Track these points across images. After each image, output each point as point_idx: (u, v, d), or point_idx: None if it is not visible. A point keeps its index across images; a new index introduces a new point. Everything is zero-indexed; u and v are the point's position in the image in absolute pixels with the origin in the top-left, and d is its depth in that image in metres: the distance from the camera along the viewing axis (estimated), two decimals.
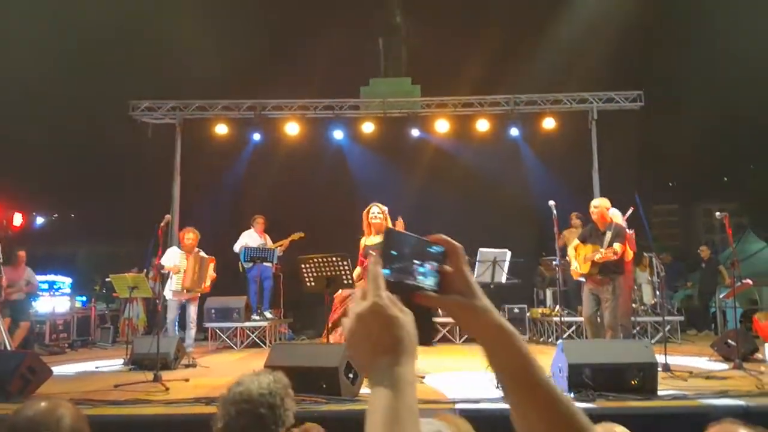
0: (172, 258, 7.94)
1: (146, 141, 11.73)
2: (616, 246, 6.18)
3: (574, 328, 9.47)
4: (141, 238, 9.56)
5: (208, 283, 8.19)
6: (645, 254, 10.35)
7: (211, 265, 8.23)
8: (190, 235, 8.02)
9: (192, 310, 8.02)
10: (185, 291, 7.92)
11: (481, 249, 5.95)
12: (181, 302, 8.01)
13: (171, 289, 7.90)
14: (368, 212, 5.81)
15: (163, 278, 7.75)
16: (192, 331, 8.03)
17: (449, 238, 0.99)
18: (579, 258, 6.51)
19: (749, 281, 8.05)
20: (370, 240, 5.72)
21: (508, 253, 5.93)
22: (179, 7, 10.69)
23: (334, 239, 11.66)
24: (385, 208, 5.81)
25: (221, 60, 11.28)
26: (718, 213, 6.60)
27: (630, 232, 7.39)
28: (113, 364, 7.12)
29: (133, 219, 11.79)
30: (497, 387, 4.76)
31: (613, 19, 11.23)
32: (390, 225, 5.73)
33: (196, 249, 8.13)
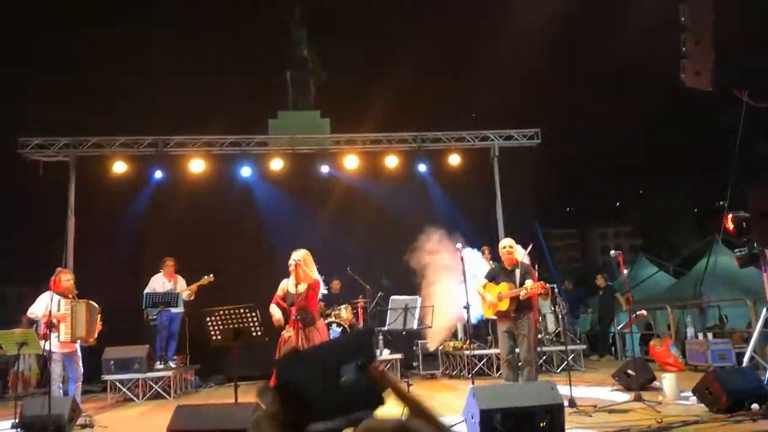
0: (45, 305, 7.04)
1: (37, 180, 11.09)
2: (528, 283, 6.42)
3: (485, 360, 9.76)
4: (34, 280, 8.96)
5: (95, 335, 7.61)
6: (548, 285, 10.85)
7: (98, 316, 7.69)
8: (68, 276, 7.39)
9: (77, 363, 7.37)
10: (73, 341, 7.30)
11: (393, 297, 6.07)
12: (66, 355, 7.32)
13: (54, 342, 7.12)
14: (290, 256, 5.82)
15: (50, 330, 7.00)
16: (79, 386, 7.41)
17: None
18: (493, 295, 6.66)
19: (644, 312, 8.62)
20: (291, 286, 5.70)
21: (419, 300, 6.06)
22: (74, 36, 10.30)
23: (244, 280, 11.47)
24: (302, 253, 5.79)
25: (119, 94, 10.94)
26: (612, 252, 7.06)
27: (533, 269, 7.77)
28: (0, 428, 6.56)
29: (26, 260, 11.08)
30: None
31: (514, 60, 11.94)
32: (304, 271, 5.70)
33: (72, 296, 7.45)
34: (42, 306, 7.04)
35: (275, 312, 5.67)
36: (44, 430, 5.47)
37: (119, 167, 11.39)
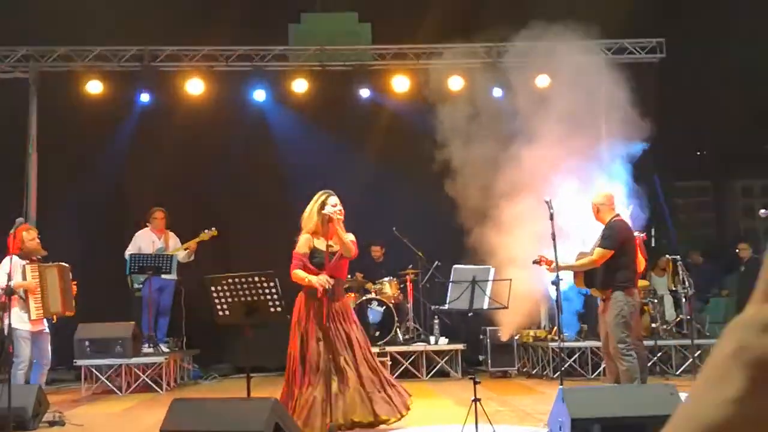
0: (4, 272, 7.09)
1: None
2: (599, 251, 6.61)
3: (577, 356, 9.75)
4: None
5: (72, 304, 7.87)
6: (667, 256, 10.69)
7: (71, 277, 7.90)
8: (32, 234, 7.57)
9: (45, 345, 7.64)
10: (47, 317, 7.58)
11: (456, 266, 6.05)
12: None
13: (21, 316, 7.26)
14: (321, 204, 5.83)
15: (9, 299, 7.16)
16: (45, 373, 7.70)
17: None
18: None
19: None
20: (319, 242, 5.75)
21: (492, 271, 6.04)
22: None
23: (256, 238, 11.77)
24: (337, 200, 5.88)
25: None
26: (762, 211, 6.87)
27: (639, 235, 7.67)
28: None
29: None
30: None
31: None
32: (342, 227, 5.75)
33: (40, 257, 7.63)
34: (2, 274, 7.12)
35: (303, 275, 5.73)
36: (2, 428, 5.73)
37: (94, 87, 11.56)
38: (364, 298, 10.38)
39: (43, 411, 6.66)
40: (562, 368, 6.97)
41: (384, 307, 10.30)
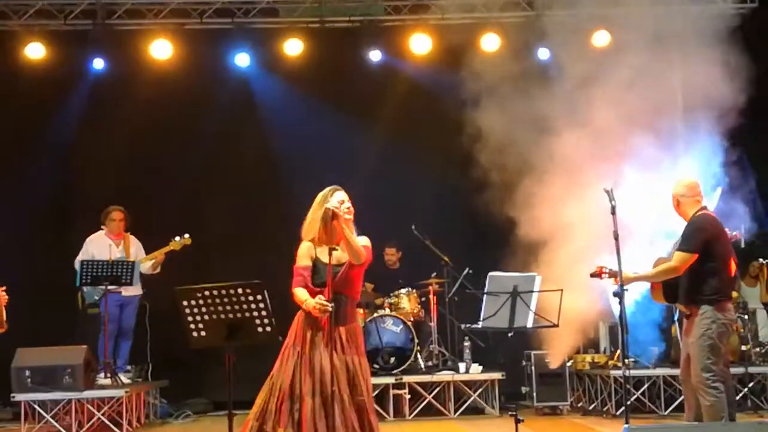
0: None
1: None
2: (678, 255, 6.53)
3: (646, 387, 9.73)
4: None
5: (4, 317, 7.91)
6: (761, 260, 10.63)
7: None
8: None
9: None
10: None
11: (492, 274, 6.04)
12: None
13: None
14: (319, 204, 5.82)
15: None
16: None
17: None
18: None
19: None
20: (323, 251, 5.71)
21: (538, 279, 6.03)
22: None
23: (239, 242, 11.75)
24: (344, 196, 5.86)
25: None
26: None
27: (731, 233, 7.62)
28: None
29: None
30: None
31: None
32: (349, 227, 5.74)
33: None
34: None
35: (304, 298, 5.71)
36: None
37: (34, 51, 11.57)
38: (375, 315, 10.38)
39: None
40: (628, 402, 6.94)
41: (401, 326, 10.30)
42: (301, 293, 5.68)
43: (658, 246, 7.17)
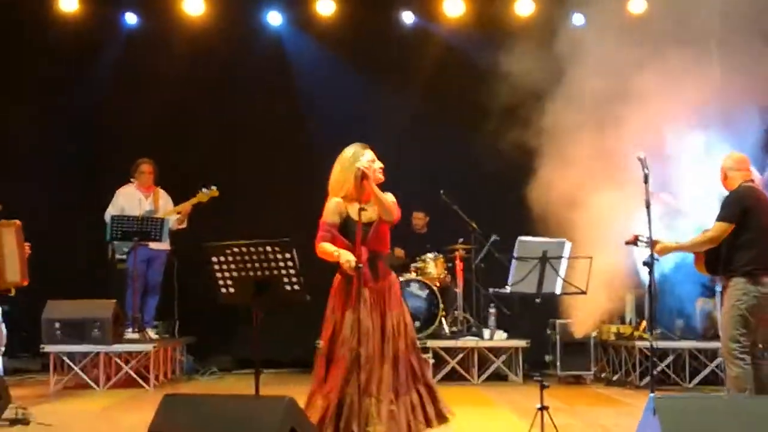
0: None
1: None
2: (715, 225, 6.47)
3: (671, 358, 9.71)
4: None
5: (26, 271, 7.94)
6: None
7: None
8: None
9: None
10: (3, 290, 7.68)
11: (521, 238, 5.99)
12: None
13: None
14: (352, 159, 5.77)
15: None
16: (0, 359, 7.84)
17: None
18: None
19: None
20: (353, 208, 5.67)
21: (568, 245, 5.98)
22: None
23: (268, 200, 11.75)
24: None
25: None
26: None
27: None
28: None
29: None
30: None
31: None
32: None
33: None
34: None
35: (332, 250, 5.70)
36: None
37: (68, 5, 11.61)
38: (402, 278, 10.38)
39: (2, 406, 6.74)
40: (654, 372, 6.90)
41: (427, 291, 10.31)
42: (329, 247, 5.64)
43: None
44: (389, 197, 5.76)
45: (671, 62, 9.34)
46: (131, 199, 10.36)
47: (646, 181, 6.21)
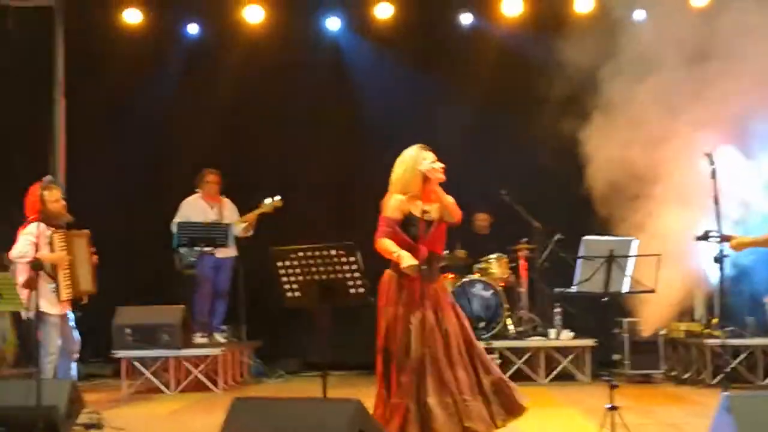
0: (34, 240, 7.37)
1: (6, 34, 11.63)
2: None
3: (743, 356, 9.55)
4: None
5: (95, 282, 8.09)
6: None
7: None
8: (56, 194, 7.69)
9: (71, 331, 7.91)
10: (76, 298, 7.82)
11: (586, 238, 5.94)
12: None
13: (50, 299, 7.50)
14: (413, 161, 5.80)
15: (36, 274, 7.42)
16: (72, 363, 7.99)
17: None
18: None
19: None
20: (415, 208, 5.70)
21: (635, 243, 5.91)
22: None
23: (331, 207, 11.82)
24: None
25: None
26: None
27: None
28: None
29: None
30: None
31: None
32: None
33: (64, 224, 7.71)
34: (28, 243, 7.31)
35: (393, 249, 5.73)
36: (30, 428, 5.95)
37: (132, 16, 11.73)
38: (465, 279, 10.36)
39: (77, 411, 6.86)
40: (726, 370, 6.80)
41: (491, 292, 10.27)
42: (390, 244, 5.67)
43: None
44: (449, 199, 5.80)
45: (734, 55, 9.20)
46: (197, 209, 10.48)
47: (713, 177, 6.12)
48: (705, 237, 6.40)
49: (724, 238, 6.27)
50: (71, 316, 7.89)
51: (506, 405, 5.71)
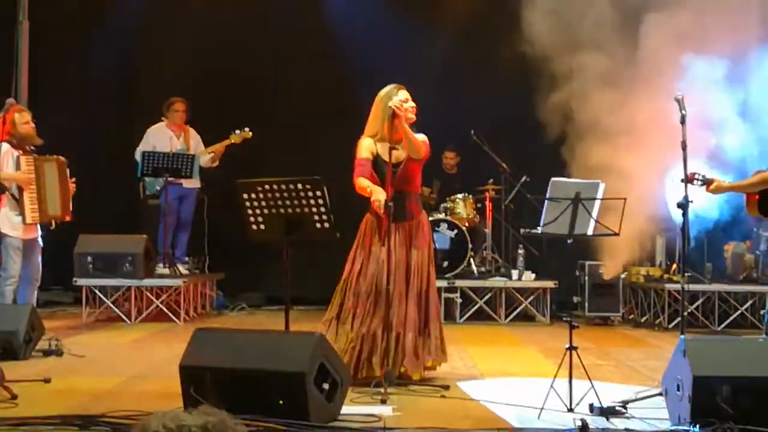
0: (4, 162, 7.55)
1: None
2: None
3: (700, 301, 9.67)
4: None
5: (70, 207, 8.07)
6: None
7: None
8: (26, 116, 7.66)
9: (37, 258, 7.89)
10: (44, 221, 7.79)
11: (554, 179, 5.94)
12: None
13: (12, 221, 7.61)
14: (386, 97, 5.82)
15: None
16: (35, 291, 8.00)
17: None
18: None
19: None
20: (383, 147, 5.74)
21: (601, 187, 5.91)
22: None
23: (300, 141, 11.73)
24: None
25: None
26: None
27: None
28: None
29: None
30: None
31: None
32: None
33: (34, 147, 7.75)
34: None
35: (366, 185, 5.77)
36: None
37: None
38: (430, 218, 10.36)
39: (36, 337, 6.87)
40: (684, 314, 6.89)
41: (455, 231, 10.28)
42: (364, 181, 5.81)
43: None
44: (420, 137, 5.82)
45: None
46: (162, 138, 10.37)
47: (682, 122, 6.11)
48: (691, 180, 6.41)
49: (706, 181, 6.31)
50: (41, 242, 7.86)
51: (441, 350, 5.95)
